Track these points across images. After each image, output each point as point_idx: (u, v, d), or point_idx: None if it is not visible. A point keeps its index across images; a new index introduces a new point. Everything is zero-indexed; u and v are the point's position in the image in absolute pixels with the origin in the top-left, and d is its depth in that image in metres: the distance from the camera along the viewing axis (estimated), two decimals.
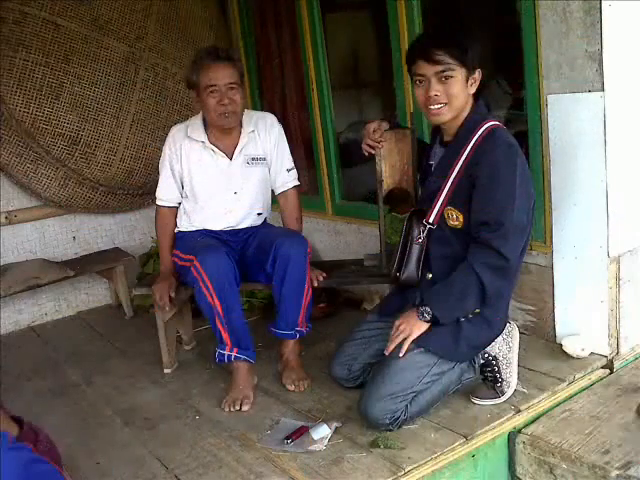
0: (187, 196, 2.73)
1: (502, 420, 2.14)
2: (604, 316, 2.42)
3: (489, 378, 2.24)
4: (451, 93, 2.06)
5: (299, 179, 2.85)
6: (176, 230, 2.79)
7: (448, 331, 2.12)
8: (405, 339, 2.11)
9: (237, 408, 2.39)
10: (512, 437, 2.13)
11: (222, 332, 2.43)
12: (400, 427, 2.11)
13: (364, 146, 2.42)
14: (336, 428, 2.14)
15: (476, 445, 2.06)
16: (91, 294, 3.89)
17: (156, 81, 3.86)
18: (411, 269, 2.24)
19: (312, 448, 2.05)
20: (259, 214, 2.78)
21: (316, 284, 2.67)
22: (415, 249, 2.23)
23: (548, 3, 2.31)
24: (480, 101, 2.16)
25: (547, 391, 2.28)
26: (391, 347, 2.14)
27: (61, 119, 3.56)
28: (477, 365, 2.21)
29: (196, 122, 2.69)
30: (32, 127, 3.47)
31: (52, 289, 3.68)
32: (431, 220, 2.18)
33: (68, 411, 2.55)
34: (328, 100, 3.52)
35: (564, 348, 2.48)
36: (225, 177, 2.67)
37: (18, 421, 1.68)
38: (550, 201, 2.49)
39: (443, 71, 2.04)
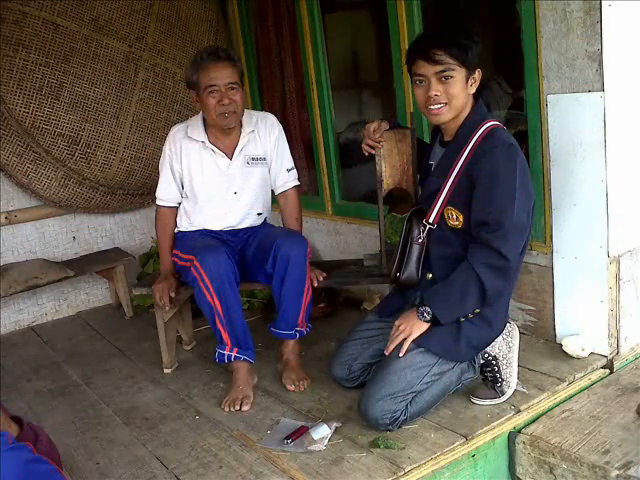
0: (187, 196, 2.73)
1: (502, 420, 2.14)
2: (604, 316, 2.42)
3: (489, 378, 2.24)
4: (451, 93, 2.06)
5: (299, 179, 2.85)
6: (176, 230, 2.79)
7: (448, 331, 2.12)
8: (405, 339, 2.11)
9: (237, 408, 2.38)
10: (512, 437, 2.13)
11: (222, 332, 2.43)
12: (400, 427, 2.11)
13: (364, 146, 2.42)
14: (336, 428, 2.14)
15: (476, 445, 2.06)
16: (91, 294, 3.89)
17: (156, 81, 3.86)
18: (411, 269, 2.25)
19: (312, 448, 2.05)
20: (259, 214, 2.78)
21: (316, 284, 2.67)
22: (415, 249, 2.24)
23: (548, 3, 2.31)
24: (480, 101, 2.17)
25: (547, 391, 2.28)
26: (391, 347, 2.14)
27: (61, 119, 3.56)
28: (477, 365, 2.21)
29: (196, 122, 2.68)
30: (32, 127, 3.46)
31: (52, 289, 3.69)
32: (431, 220, 2.18)
33: (68, 411, 2.55)
34: (328, 100, 3.52)
35: (564, 348, 2.48)
36: (225, 177, 2.67)
37: (18, 421, 1.68)
38: (550, 201, 2.49)
39: (443, 71, 2.04)
